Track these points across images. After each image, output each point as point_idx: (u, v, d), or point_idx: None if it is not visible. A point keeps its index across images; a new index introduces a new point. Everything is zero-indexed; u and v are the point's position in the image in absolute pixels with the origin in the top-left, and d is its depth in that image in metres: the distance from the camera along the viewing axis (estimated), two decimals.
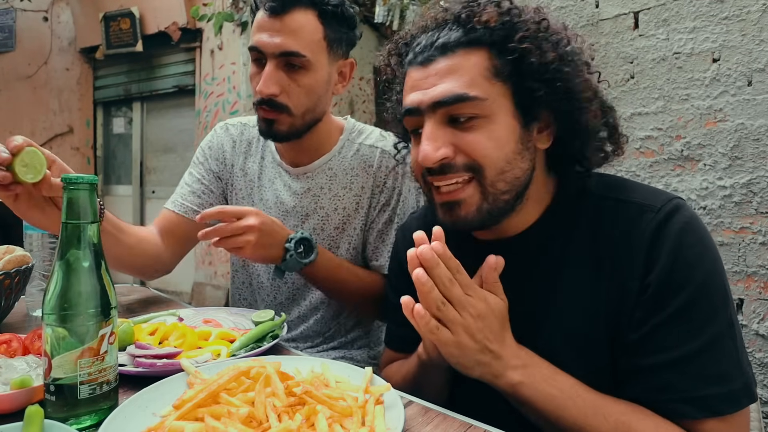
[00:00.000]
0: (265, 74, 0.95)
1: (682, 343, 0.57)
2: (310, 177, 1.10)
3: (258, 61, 0.98)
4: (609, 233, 0.65)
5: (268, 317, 0.86)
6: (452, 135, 0.65)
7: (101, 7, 4.08)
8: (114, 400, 0.56)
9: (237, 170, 1.16)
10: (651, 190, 0.67)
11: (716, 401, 0.56)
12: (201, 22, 3.64)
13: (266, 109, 0.98)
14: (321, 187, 1.09)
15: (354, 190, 1.09)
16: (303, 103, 0.99)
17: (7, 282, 0.83)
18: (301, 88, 0.97)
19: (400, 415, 0.54)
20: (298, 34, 0.95)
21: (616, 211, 0.65)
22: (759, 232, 1.63)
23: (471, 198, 0.65)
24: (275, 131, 1.00)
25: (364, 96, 4.40)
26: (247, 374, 0.59)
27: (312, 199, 1.09)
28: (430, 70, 0.65)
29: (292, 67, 0.96)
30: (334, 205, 1.09)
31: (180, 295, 3.98)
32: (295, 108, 0.98)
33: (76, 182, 0.54)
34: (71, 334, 0.52)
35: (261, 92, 0.96)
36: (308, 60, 0.96)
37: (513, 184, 0.65)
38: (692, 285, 0.58)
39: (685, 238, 0.60)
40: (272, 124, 0.99)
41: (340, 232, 1.10)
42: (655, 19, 1.81)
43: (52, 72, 4.35)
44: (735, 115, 1.66)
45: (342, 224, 1.09)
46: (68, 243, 0.53)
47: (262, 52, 0.95)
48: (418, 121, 0.67)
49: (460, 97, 0.62)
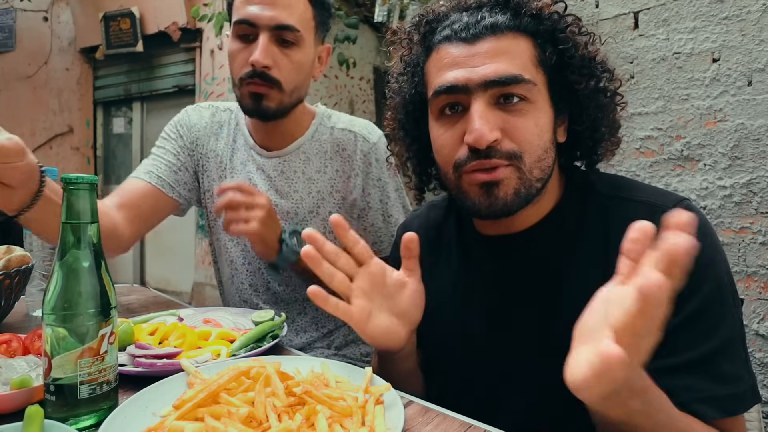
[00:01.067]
0: (261, 45, 0.93)
1: (699, 345, 0.57)
2: (285, 160, 1.09)
3: (244, 37, 0.97)
4: (619, 232, 0.64)
5: (268, 317, 0.86)
6: (501, 118, 0.64)
7: (101, 7, 4.08)
8: (114, 400, 0.56)
9: (209, 151, 1.14)
10: (659, 191, 0.67)
11: (730, 401, 0.56)
12: (201, 22, 3.63)
13: (258, 83, 0.96)
14: (294, 170, 1.09)
15: (328, 173, 1.09)
16: (293, 79, 0.99)
17: (7, 282, 0.83)
18: (293, 64, 0.97)
19: (400, 415, 0.54)
20: (293, 8, 0.96)
21: (625, 211, 0.65)
22: (759, 232, 1.63)
23: (510, 179, 0.64)
24: (264, 108, 0.98)
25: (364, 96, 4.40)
26: (247, 374, 0.58)
27: (286, 182, 1.09)
28: (477, 47, 0.63)
29: (285, 43, 0.96)
30: (308, 189, 1.09)
31: (180, 295, 3.99)
32: (286, 84, 0.98)
33: (76, 182, 0.53)
34: (71, 334, 0.52)
35: (256, 62, 0.94)
36: (301, 36, 0.97)
37: (545, 172, 0.66)
38: (707, 286, 0.58)
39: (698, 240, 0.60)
40: (261, 100, 0.98)
41: (314, 216, 1.09)
42: (655, 19, 1.81)
43: (52, 72, 4.35)
44: (735, 115, 1.66)
45: (316, 207, 1.09)
46: (68, 243, 0.53)
47: (255, 24, 0.94)
48: (457, 99, 0.65)
49: (516, 77, 0.62)
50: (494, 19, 0.64)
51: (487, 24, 0.64)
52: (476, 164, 0.64)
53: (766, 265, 1.62)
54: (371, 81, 4.54)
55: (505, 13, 0.65)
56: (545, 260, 0.69)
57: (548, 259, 0.69)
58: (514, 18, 0.64)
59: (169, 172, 1.09)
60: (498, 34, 0.63)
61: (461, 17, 0.66)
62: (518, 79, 0.62)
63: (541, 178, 0.66)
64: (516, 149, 0.63)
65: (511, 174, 0.64)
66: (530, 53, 0.64)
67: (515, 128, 0.63)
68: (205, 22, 3.47)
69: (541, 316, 0.67)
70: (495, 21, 0.64)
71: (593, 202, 0.68)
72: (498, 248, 0.73)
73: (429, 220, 0.87)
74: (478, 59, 0.63)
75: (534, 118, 0.64)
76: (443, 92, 0.65)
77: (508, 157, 0.63)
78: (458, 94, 0.64)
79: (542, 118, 0.64)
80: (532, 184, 0.65)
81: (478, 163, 0.64)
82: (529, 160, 0.64)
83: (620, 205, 0.66)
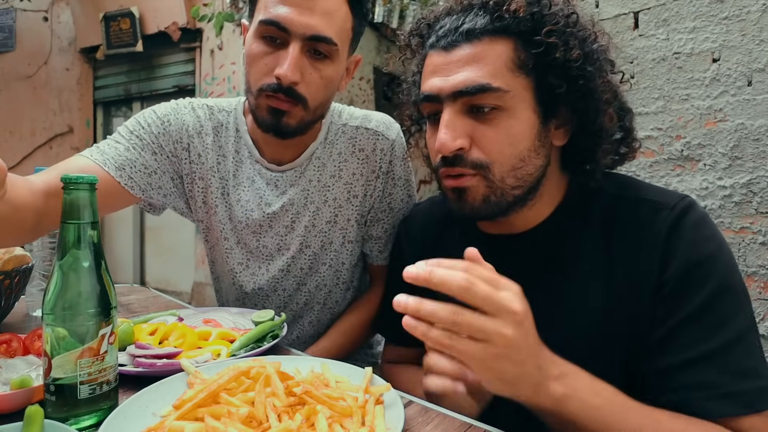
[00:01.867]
0: (292, 58, 0.79)
1: (709, 338, 0.56)
2: (299, 172, 0.97)
3: (271, 40, 0.82)
4: (622, 231, 0.64)
5: (268, 317, 0.86)
6: (471, 126, 0.64)
7: (101, 7, 4.08)
8: (114, 400, 0.56)
9: (205, 161, 0.96)
10: (661, 190, 0.67)
11: (753, 396, 0.54)
12: (201, 22, 3.64)
13: (282, 99, 0.82)
14: (309, 179, 0.97)
15: (344, 177, 0.98)
16: (320, 96, 0.86)
17: (7, 282, 0.83)
18: (323, 79, 0.84)
19: (400, 415, 0.54)
20: (333, 17, 0.81)
21: (629, 209, 0.65)
22: (759, 232, 1.63)
23: (476, 188, 0.65)
24: (283, 125, 0.85)
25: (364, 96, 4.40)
26: (247, 374, 0.59)
27: (302, 194, 0.97)
28: (452, 56, 0.64)
29: (318, 55, 0.82)
30: (324, 197, 0.97)
31: (180, 295, 3.99)
32: (312, 101, 0.85)
33: (76, 182, 0.53)
34: (71, 334, 0.52)
35: (284, 78, 0.80)
36: (337, 49, 0.83)
37: (524, 179, 0.65)
38: (714, 279, 0.58)
39: (701, 234, 0.60)
40: (282, 116, 0.84)
41: (332, 226, 0.99)
42: (655, 19, 1.81)
43: (52, 72, 4.35)
44: (735, 115, 1.66)
45: (334, 217, 0.98)
46: (68, 243, 0.53)
47: (287, 30, 0.79)
48: (437, 107, 0.66)
49: (483, 87, 0.61)
50: (471, 24, 0.63)
51: (463, 31, 0.63)
52: (443, 171, 0.67)
53: (766, 265, 1.62)
54: (371, 81, 4.54)
55: (485, 15, 0.64)
56: (547, 260, 0.69)
57: (550, 259, 0.69)
58: (492, 20, 0.63)
59: (143, 174, 0.90)
60: (473, 41, 0.63)
61: (446, 23, 0.67)
62: (485, 88, 0.61)
63: (518, 186, 0.65)
64: (483, 159, 0.63)
65: (478, 182, 0.65)
66: (507, 57, 0.62)
67: (484, 137, 0.63)
68: (205, 22, 3.47)
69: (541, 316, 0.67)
70: (472, 26, 0.63)
71: (598, 202, 0.68)
72: (499, 247, 0.72)
73: (431, 216, 0.87)
74: (452, 68, 0.64)
75: (506, 127, 0.63)
76: (423, 100, 0.68)
77: (473, 166, 0.64)
78: (434, 103, 0.66)
79: (516, 126, 0.63)
80: (506, 192, 0.65)
81: (445, 170, 0.66)
82: (499, 170, 0.64)
83: (624, 203, 0.66)
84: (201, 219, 1.01)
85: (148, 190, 0.92)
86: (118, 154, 0.88)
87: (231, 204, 0.97)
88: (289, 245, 0.99)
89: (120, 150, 0.88)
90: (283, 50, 0.81)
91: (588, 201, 0.69)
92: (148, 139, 0.92)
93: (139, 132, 0.92)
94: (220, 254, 1.02)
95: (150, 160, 0.92)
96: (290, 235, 0.99)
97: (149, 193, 0.92)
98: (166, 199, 0.97)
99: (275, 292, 1.03)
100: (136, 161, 0.89)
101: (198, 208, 1.00)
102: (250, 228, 0.98)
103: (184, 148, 0.95)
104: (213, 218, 0.99)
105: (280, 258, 1.00)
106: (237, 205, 0.97)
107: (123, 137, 0.91)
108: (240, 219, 0.97)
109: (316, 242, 0.99)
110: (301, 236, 0.98)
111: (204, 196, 0.98)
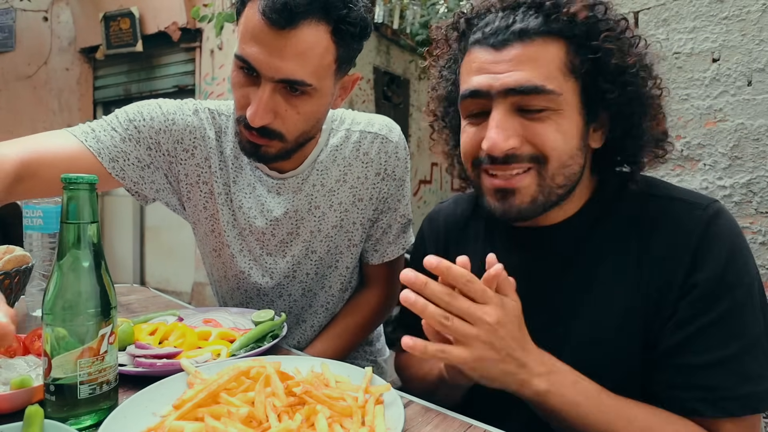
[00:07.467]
0: (260, 102, 0.77)
1: (730, 344, 0.58)
2: (301, 178, 0.97)
3: (246, 72, 0.79)
4: (654, 228, 0.65)
5: (268, 317, 0.86)
6: (521, 125, 0.63)
7: (101, 7, 4.08)
8: (114, 400, 0.56)
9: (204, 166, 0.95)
10: (691, 191, 0.68)
11: (756, 399, 0.57)
12: (201, 22, 3.64)
13: (256, 135, 0.82)
14: (314, 185, 0.97)
15: (349, 181, 0.98)
16: (299, 128, 0.84)
17: (7, 282, 0.83)
18: (300, 114, 0.82)
19: (400, 415, 0.54)
20: (306, 57, 0.76)
21: (662, 207, 0.66)
22: (759, 232, 1.63)
23: (527, 188, 0.65)
24: (262, 155, 0.85)
25: (364, 96, 4.40)
26: (247, 374, 0.59)
27: (306, 199, 0.97)
28: (503, 54, 0.63)
29: (293, 92, 0.79)
30: (329, 202, 0.97)
31: (180, 295, 3.99)
32: (289, 134, 0.83)
33: (76, 182, 0.53)
34: (71, 334, 0.52)
35: (251, 122, 0.79)
36: (314, 88, 0.79)
37: (570, 179, 0.65)
38: (742, 287, 0.59)
39: (736, 241, 0.61)
40: (259, 148, 0.84)
41: (338, 230, 0.99)
42: (655, 19, 1.81)
43: (52, 72, 4.35)
44: (735, 115, 1.66)
45: (340, 221, 0.99)
46: (68, 243, 0.53)
47: (256, 71, 0.77)
48: (481, 105, 0.66)
49: (537, 88, 0.61)
50: (524, 24, 0.62)
51: (516, 30, 0.62)
52: (490, 169, 0.66)
53: (766, 265, 1.62)
54: (371, 81, 4.54)
55: (537, 16, 0.63)
56: (573, 254, 0.69)
57: (576, 253, 0.69)
58: (546, 22, 0.62)
59: (136, 168, 0.90)
60: (526, 41, 0.62)
61: (494, 19, 0.65)
62: (539, 90, 0.61)
63: (564, 185, 0.65)
64: (539, 153, 0.63)
65: (531, 181, 0.64)
66: (560, 60, 0.62)
67: (536, 135, 0.63)
68: (205, 22, 3.48)
69: (564, 310, 0.68)
70: (525, 26, 0.62)
71: (627, 201, 0.68)
72: (525, 239, 0.73)
73: (456, 212, 0.87)
74: (503, 66, 0.63)
75: (556, 124, 0.63)
76: (467, 97, 0.66)
77: (531, 160, 0.64)
78: (481, 99, 0.65)
79: (566, 125, 0.63)
80: (553, 191, 0.65)
81: (492, 168, 0.65)
82: (553, 166, 0.63)
83: (656, 202, 0.66)
84: (196, 221, 1.00)
85: (140, 183, 0.92)
86: (114, 144, 0.87)
87: (234, 210, 0.97)
88: (294, 251, 0.99)
89: (116, 140, 0.87)
90: (256, 86, 0.79)
91: (615, 199, 0.69)
92: (147, 133, 0.90)
93: (139, 123, 0.90)
94: (223, 259, 1.01)
95: (144, 154, 0.91)
96: (295, 241, 0.99)
97: (140, 185, 0.92)
98: (158, 193, 0.97)
99: (280, 297, 1.03)
100: (130, 154, 0.89)
101: (198, 211, 0.98)
102: (254, 235, 0.98)
103: (186, 149, 0.94)
104: (216, 224, 0.98)
105: (285, 264, 1.00)
106: (239, 211, 0.97)
107: (121, 125, 0.89)
108: (243, 226, 0.97)
109: (321, 247, 1.00)
110: (307, 242, 0.99)
111: (206, 201, 0.97)
